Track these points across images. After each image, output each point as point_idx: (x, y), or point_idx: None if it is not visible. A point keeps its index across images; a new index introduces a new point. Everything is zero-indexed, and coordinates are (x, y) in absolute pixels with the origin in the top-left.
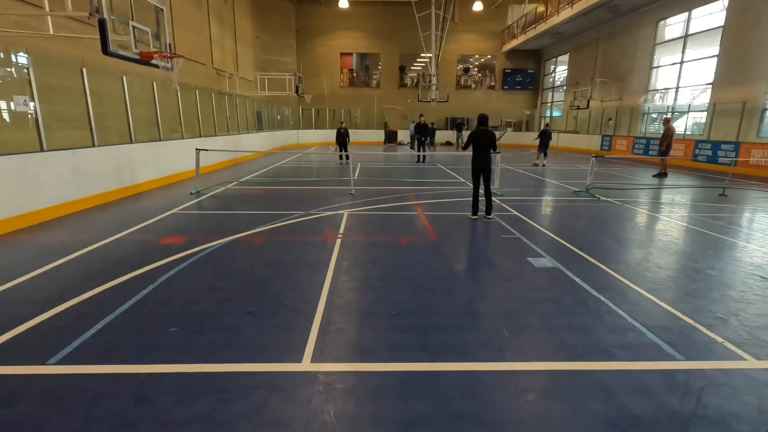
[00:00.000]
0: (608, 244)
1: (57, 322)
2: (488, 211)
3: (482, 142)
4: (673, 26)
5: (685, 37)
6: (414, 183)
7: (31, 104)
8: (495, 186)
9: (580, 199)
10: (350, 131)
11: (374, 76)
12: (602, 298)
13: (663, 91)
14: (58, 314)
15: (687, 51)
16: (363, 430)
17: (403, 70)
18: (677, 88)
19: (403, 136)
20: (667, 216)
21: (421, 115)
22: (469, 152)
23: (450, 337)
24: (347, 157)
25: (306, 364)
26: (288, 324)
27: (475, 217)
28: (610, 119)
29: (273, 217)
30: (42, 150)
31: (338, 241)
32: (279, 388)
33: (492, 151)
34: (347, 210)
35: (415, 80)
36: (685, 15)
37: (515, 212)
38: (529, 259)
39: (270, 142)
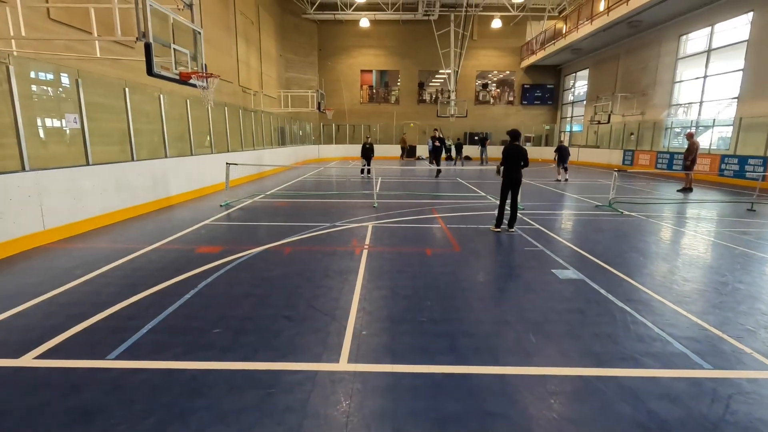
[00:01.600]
0: (632, 257)
1: (111, 322)
2: (511, 224)
3: (514, 157)
4: (695, 40)
5: (709, 51)
6: (435, 196)
7: (78, 121)
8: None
9: (603, 213)
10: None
11: (393, 92)
12: (628, 309)
13: (686, 105)
14: (111, 315)
15: (710, 65)
16: (401, 426)
17: (422, 86)
18: (701, 102)
19: (422, 151)
20: (693, 230)
21: (435, 132)
22: (487, 166)
23: (479, 342)
24: (368, 171)
25: (343, 365)
26: (323, 328)
27: (498, 229)
28: (632, 134)
29: (300, 229)
30: (88, 164)
31: (365, 252)
32: (320, 385)
33: (522, 166)
34: (371, 222)
35: (434, 96)
36: (708, 29)
37: (537, 225)
38: (553, 270)
39: (292, 157)
